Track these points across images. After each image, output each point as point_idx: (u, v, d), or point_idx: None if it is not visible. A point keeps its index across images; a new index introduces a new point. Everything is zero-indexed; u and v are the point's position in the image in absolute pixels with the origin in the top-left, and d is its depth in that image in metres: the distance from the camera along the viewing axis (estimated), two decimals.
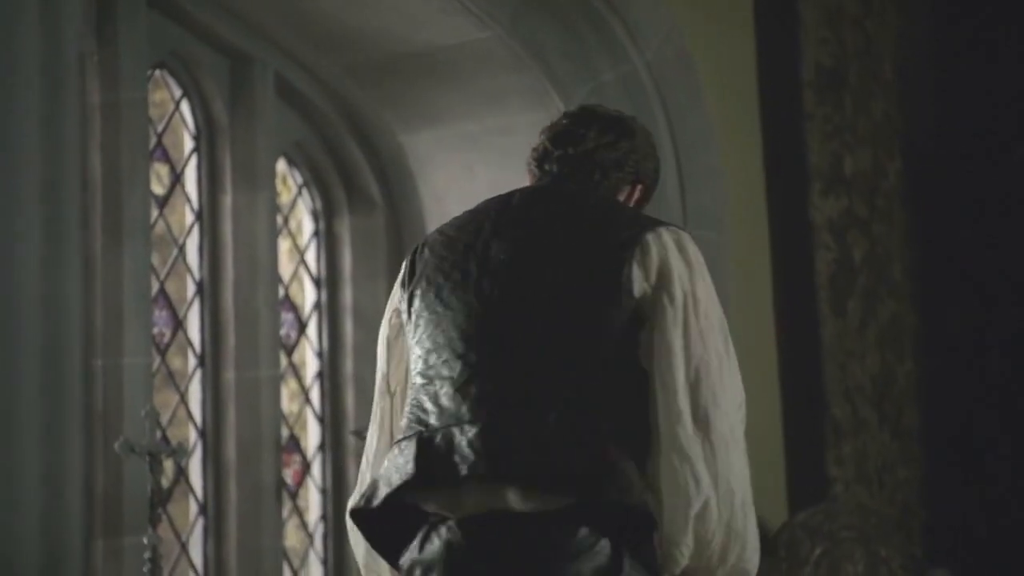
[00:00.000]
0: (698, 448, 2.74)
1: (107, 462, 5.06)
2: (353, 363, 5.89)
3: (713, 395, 2.77)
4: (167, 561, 5.27)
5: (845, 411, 6.03)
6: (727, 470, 2.77)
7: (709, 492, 2.73)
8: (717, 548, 2.75)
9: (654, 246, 2.80)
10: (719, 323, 2.83)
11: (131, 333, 5.15)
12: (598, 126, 3.01)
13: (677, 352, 2.76)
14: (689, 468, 2.72)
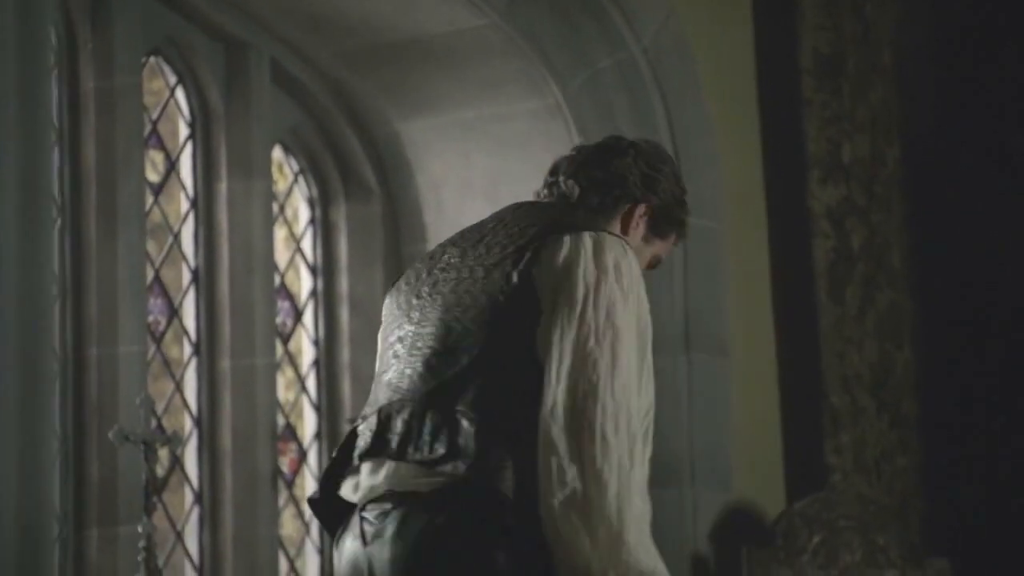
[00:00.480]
0: (566, 441, 2.75)
1: (101, 451, 5.06)
2: (349, 352, 5.89)
3: (594, 392, 2.77)
4: (162, 550, 5.27)
5: (843, 400, 6.02)
6: (601, 463, 2.75)
7: (576, 484, 2.73)
8: (585, 540, 2.74)
9: (566, 247, 2.85)
10: (629, 330, 2.83)
11: (126, 321, 5.14)
12: (592, 149, 3.09)
13: (563, 348, 2.80)
14: (556, 460, 2.74)
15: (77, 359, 5.13)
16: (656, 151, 3.09)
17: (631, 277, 2.85)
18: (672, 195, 3.05)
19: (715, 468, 5.69)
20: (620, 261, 2.84)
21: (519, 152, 5.75)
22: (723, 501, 5.70)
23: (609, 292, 2.82)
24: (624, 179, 3.03)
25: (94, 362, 5.12)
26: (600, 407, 2.76)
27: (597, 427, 2.75)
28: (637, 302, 2.85)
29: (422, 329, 2.91)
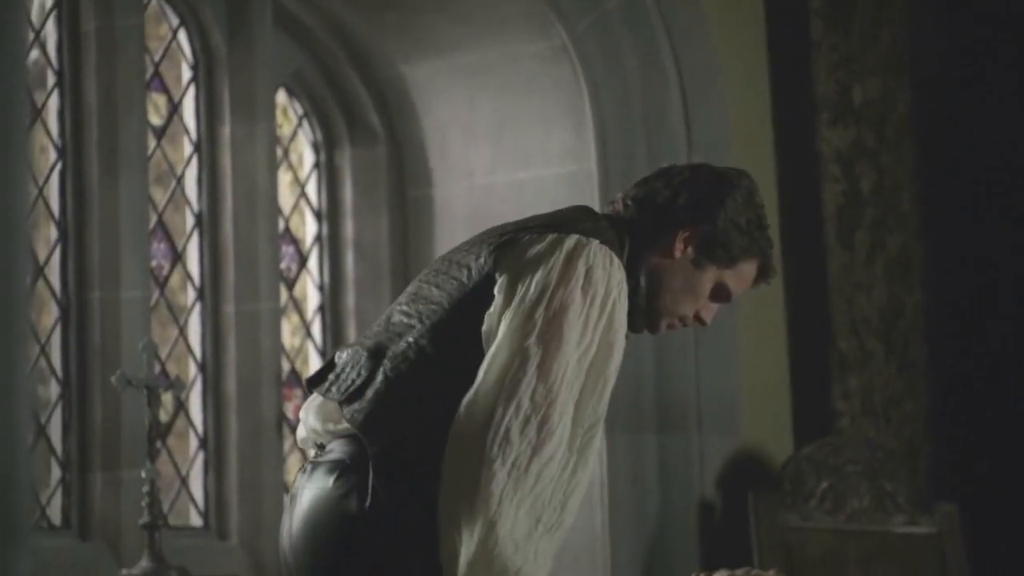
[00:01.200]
0: (473, 433, 2.78)
1: (104, 396, 5.06)
2: (355, 297, 5.88)
3: (514, 390, 2.79)
4: (167, 495, 5.27)
5: (852, 345, 6.01)
6: (494, 461, 2.75)
7: (466, 475, 2.78)
8: (459, 534, 2.76)
9: (546, 242, 2.88)
10: (575, 339, 2.83)
11: (128, 266, 5.14)
12: (655, 172, 3.12)
13: (503, 339, 2.82)
14: (459, 447, 2.78)
15: (79, 303, 5.13)
16: (719, 177, 3.08)
17: (603, 289, 2.86)
18: (731, 223, 3.03)
19: (722, 414, 5.69)
20: (595, 269, 2.86)
21: (525, 95, 5.73)
22: (730, 447, 5.70)
23: (567, 296, 2.84)
24: (661, 202, 3.04)
25: (96, 307, 5.12)
26: (515, 405, 2.77)
27: (504, 425, 2.76)
28: (603, 315, 2.85)
29: (405, 294, 2.98)
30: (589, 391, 2.85)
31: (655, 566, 5.49)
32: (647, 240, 3.03)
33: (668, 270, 3.02)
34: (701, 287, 3.04)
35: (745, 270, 3.07)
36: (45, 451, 5.07)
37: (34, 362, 5.09)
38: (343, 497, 2.85)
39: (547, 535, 2.80)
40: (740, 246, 3.04)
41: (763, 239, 3.08)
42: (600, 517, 5.45)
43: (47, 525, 5.02)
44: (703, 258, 3.03)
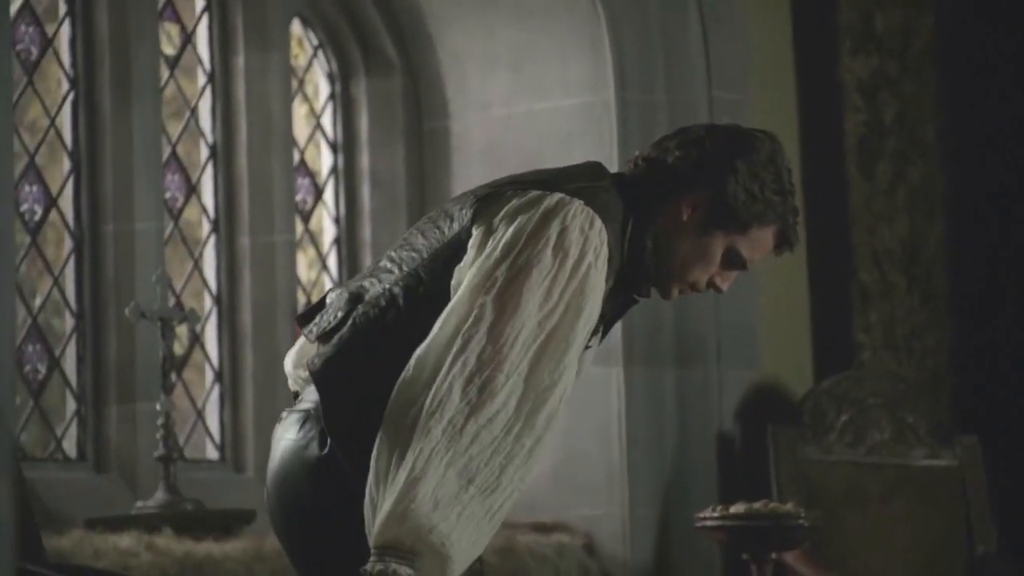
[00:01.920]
0: (417, 388, 2.74)
1: (119, 328, 5.06)
2: (371, 229, 5.87)
3: (463, 346, 2.74)
4: (183, 428, 5.29)
5: (873, 276, 5.99)
6: (429, 417, 2.71)
7: (400, 426, 2.74)
8: (378, 486, 2.74)
9: (526, 198, 2.83)
10: (536, 301, 2.78)
11: (142, 197, 5.13)
12: (671, 133, 3.04)
13: (462, 293, 2.78)
14: (400, 398, 2.75)
15: (93, 236, 5.13)
16: (734, 138, 2.98)
17: (576, 252, 2.80)
18: (743, 189, 2.93)
19: (742, 346, 5.68)
20: (570, 231, 2.80)
21: (543, 25, 5.69)
22: (749, 380, 5.69)
23: (533, 256, 2.78)
24: (671, 162, 2.96)
25: (110, 238, 5.12)
26: (461, 363, 2.73)
27: (447, 381, 2.72)
28: (573, 278, 2.80)
29: (401, 238, 2.97)
30: (548, 355, 2.78)
31: (673, 500, 5.49)
32: (655, 202, 2.96)
33: (676, 234, 2.94)
34: (711, 253, 2.95)
35: (760, 237, 2.96)
36: (60, 384, 5.09)
37: (47, 295, 5.09)
38: (304, 447, 2.84)
39: (480, 497, 2.71)
40: (752, 213, 2.93)
41: (782, 206, 2.96)
42: (618, 451, 5.45)
43: (63, 458, 5.04)
44: (711, 224, 2.93)
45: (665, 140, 3.02)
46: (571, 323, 2.80)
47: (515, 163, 5.71)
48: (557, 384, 2.79)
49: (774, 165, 2.99)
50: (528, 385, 2.77)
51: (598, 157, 5.49)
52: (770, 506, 4.04)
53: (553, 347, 2.78)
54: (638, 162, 3.01)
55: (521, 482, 2.78)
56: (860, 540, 5.51)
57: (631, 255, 2.94)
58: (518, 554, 5.19)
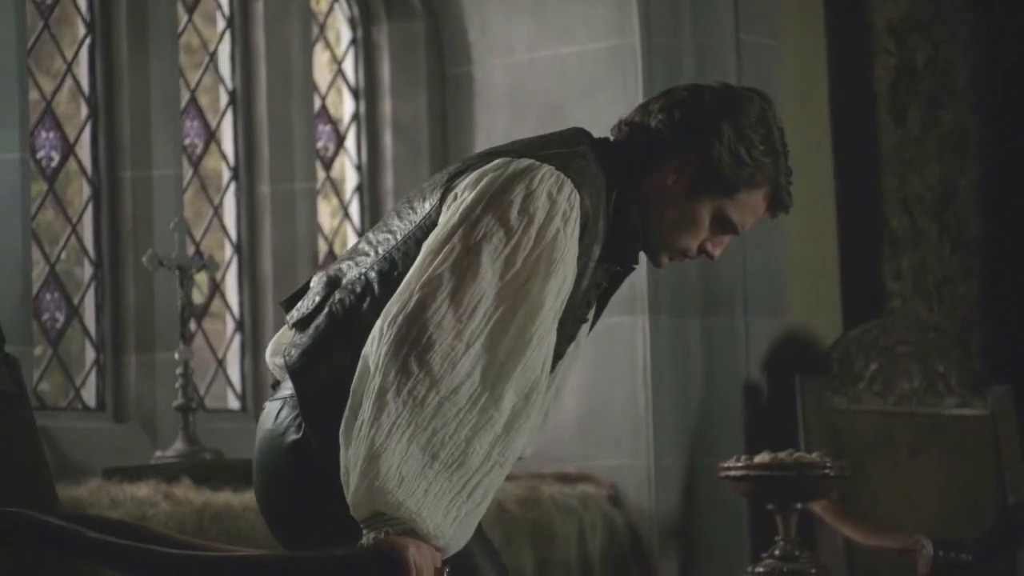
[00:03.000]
0: (379, 358, 2.69)
1: (137, 277, 5.06)
2: (393, 176, 5.85)
3: (418, 316, 2.68)
4: (204, 378, 5.28)
5: (903, 223, 5.95)
6: (389, 389, 2.67)
7: (362, 406, 2.69)
8: (345, 451, 2.71)
9: (496, 166, 2.78)
10: (508, 268, 2.72)
11: (160, 144, 5.12)
12: (655, 98, 2.98)
13: (416, 263, 2.75)
14: (359, 369, 2.72)
15: (111, 182, 5.12)
16: (719, 99, 2.92)
17: (542, 216, 2.74)
18: (728, 151, 2.87)
19: (769, 294, 5.65)
20: (536, 196, 2.75)
21: None
22: (777, 328, 5.67)
23: (493, 223, 2.73)
24: (654, 126, 2.91)
25: (128, 185, 5.10)
26: (422, 326, 2.67)
27: (411, 357, 2.66)
28: (539, 244, 2.74)
29: (382, 219, 2.96)
30: (514, 324, 2.71)
31: (699, 450, 5.48)
32: (639, 168, 2.91)
33: (661, 200, 2.90)
34: (699, 219, 2.90)
35: (749, 200, 2.91)
36: (79, 333, 5.08)
37: (65, 242, 5.08)
38: (281, 435, 2.82)
39: (446, 472, 2.66)
40: (740, 176, 2.87)
41: (773, 167, 2.91)
42: (643, 401, 5.43)
43: (82, 407, 5.04)
44: (697, 188, 2.88)
45: (650, 103, 2.96)
46: (538, 291, 2.73)
47: (539, 109, 5.68)
48: (523, 353, 2.71)
49: (764, 125, 2.91)
50: (492, 355, 2.70)
51: (623, 103, 5.51)
52: (795, 456, 4.02)
53: (519, 316, 2.71)
54: (622, 127, 2.96)
55: (502, 456, 2.71)
56: (889, 490, 5.48)
57: (617, 223, 2.89)
58: (542, 505, 5.18)
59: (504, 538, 5.03)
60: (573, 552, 5.22)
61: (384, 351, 2.68)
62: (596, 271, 2.90)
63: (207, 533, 4.13)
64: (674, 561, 5.43)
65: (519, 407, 2.72)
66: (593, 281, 2.91)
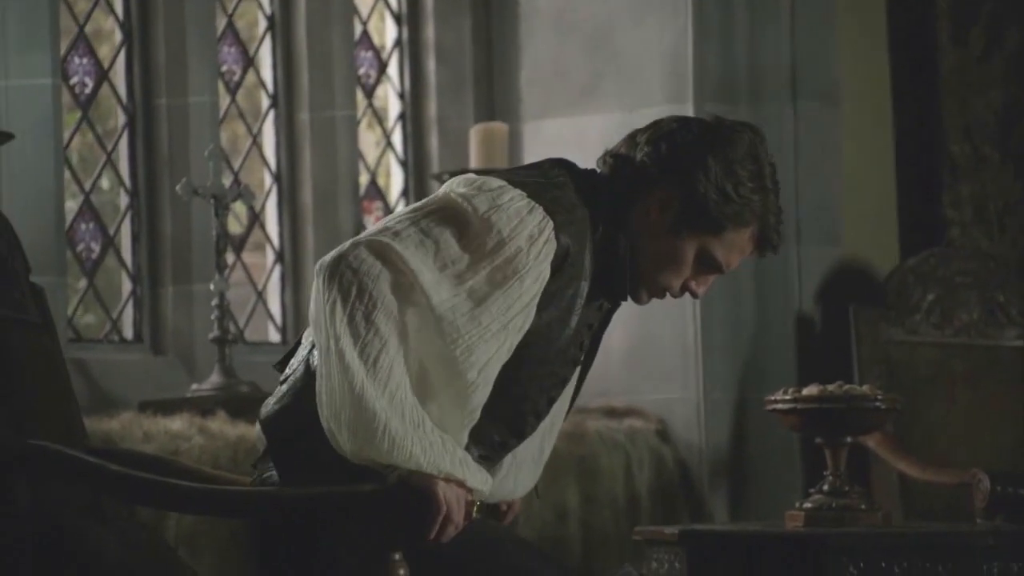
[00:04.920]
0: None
1: (174, 206, 5.04)
2: (436, 104, 5.81)
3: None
4: (244, 310, 5.27)
5: (964, 149, 5.87)
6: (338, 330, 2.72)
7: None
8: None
9: (462, 179, 2.84)
10: (453, 266, 2.74)
11: (196, 70, 5.09)
12: (642, 129, 2.97)
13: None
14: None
15: (146, 110, 5.10)
16: (707, 133, 2.89)
17: (506, 231, 2.74)
18: (714, 188, 2.84)
19: (823, 223, 5.58)
20: (503, 210, 2.75)
21: None
22: (831, 258, 5.61)
23: (453, 224, 2.76)
24: (639, 159, 2.89)
25: (164, 113, 5.08)
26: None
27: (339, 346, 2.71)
28: (495, 256, 2.74)
29: None
30: (457, 334, 2.74)
31: (750, 383, 5.44)
32: (624, 201, 2.88)
33: (645, 236, 2.87)
34: (682, 256, 2.87)
35: (735, 239, 2.88)
36: (115, 264, 5.08)
37: (99, 171, 5.07)
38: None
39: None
40: (726, 214, 2.85)
41: (761, 205, 2.87)
42: (692, 333, 5.39)
43: (119, 339, 5.04)
44: (682, 225, 2.85)
45: (637, 134, 2.93)
46: (487, 299, 2.74)
47: (585, 34, 5.63)
48: (458, 358, 2.73)
49: (753, 160, 2.87)
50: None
51: (672, 28, 5.45)
52: (845, 388, 3.96)
53: (459, 328, 2.72)
54: (607, 159, 2.92)
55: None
56: (945, 424, 5.43)
57: (605, 257, 2.86)
58: (588, 440, 5.16)
59: (549, 474, 5.00)
60: (620, 487, 5.20)
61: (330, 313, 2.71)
62: (587, 309, 2.87)
63: (242, 467, 4.11)
64: (724, 497, 5.41)
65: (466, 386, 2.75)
66: (584, 320, 2.88)
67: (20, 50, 4.53)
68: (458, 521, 2.74)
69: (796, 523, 3.95)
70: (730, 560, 3.87)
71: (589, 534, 5.11)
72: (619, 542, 5.09)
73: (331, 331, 2.69)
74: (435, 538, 2.74)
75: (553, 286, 2.80)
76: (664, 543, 3.94)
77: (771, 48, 5.52)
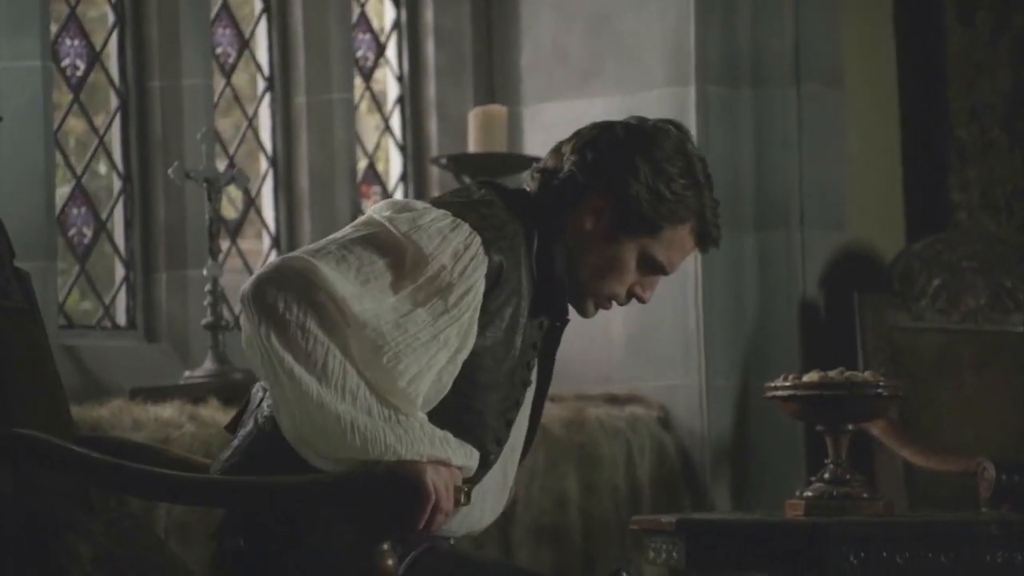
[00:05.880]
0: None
1: (168, 192, 5.01)
2: (435, 87, 5.78)
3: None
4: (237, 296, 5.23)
5: (971, 132, 5.84)
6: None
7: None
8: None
9: (383, 204, 2.85)
10: (377, 281, 2.73)
11: (189, 52, 5.06)
12: (566, 140, 2.97)
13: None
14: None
15: (139, 92, 5.07)
16: (632, 135, 2.90)
17: (429, 248, 2.74)
18: (647, 189, 2.86)
19: (827, 207, 5.55)
20: (423, 229, 2.75)
21: None
22: (835, 242, 5.58)
23: (375, 243, 2.75)
24: (567, 169, 2.90)
25: (157, 95, 5.05)
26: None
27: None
28: (419, 270, 2.74)
29: None
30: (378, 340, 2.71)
31: (753, 370, 5.41)
32: (556, 215, 2.88)
33: (582, 245, 2.88)
34: (623, 262, 2.88)
35: (675, 238, 2.90)
36: (108, 249, 5.05)
37: (91, 155, 5.04)
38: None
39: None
40: (662, 213, 2.87)
41: (696, 200, 2.89)
42: (694, 319, 5.37)
43: (111, 325, 5.01)
44: (618, 230, 2.87)
45: (561, 145, 2.93)
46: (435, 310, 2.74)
47: (586, 16, 5.59)
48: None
49: (682, 157, 2.89)
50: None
51: (673, 9, 5.42)
52: (846, 374, 3.93)
53: (384, 335, 2.70)
54: (534, 175, 2.93)
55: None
56: (952, 412, 5.40)
57: (542, 273, 2.85)
58: (588, 427, 5.13)
59: (548, 461, 4.99)
60: (621, 476, 5.17)
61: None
62: (529, 327, 2.86)
63: None
64: (726, 485, 5.38)
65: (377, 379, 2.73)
66: (528, 340, 2.87)
67: (9, 32, 4.50)
68: (447, 509, 2.72)
69: (796, 512, 3.92)
70: (729, 550, 3.83)
71: (589, 523, 5.08)
72: (620, 531, 5.06)
73: (273, 355, 2.66)
74: (424, 528, 2.72)
75: (492, 305, 2.80)
76: (662, 533, 3.91)
77: (775, 29, 5.48)
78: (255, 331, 2.68)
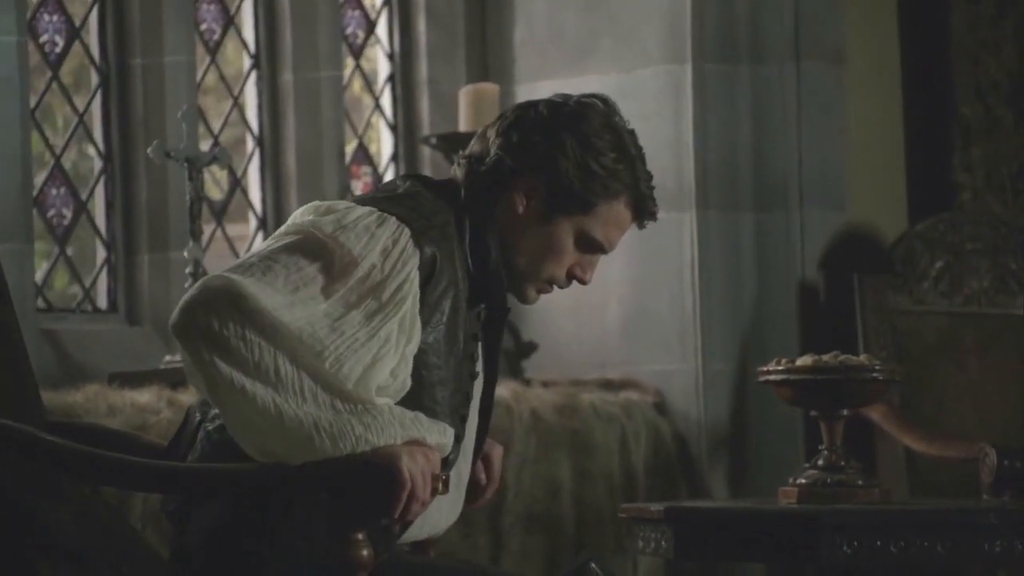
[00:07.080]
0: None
1: (150, 171, 4.97)
2: (427, 65, 5.74)
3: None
4: None
5: (976, 110, 5.80)
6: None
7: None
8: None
9: (306, 207, 2.83)
10: (301, 279, 2.69)
11: (172, 28, 5.01)
12: (489, 125, 2.95)
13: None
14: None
15: (120, 70, 5.03)
16: (556, 113, 2.88)
17: (356, 248, 2.71)
18: (577, 166, 2.85)
19: (827, 187, 5.52)
20: (348, 229, 2.72)
21: None
22: (836, 223, 5.54)
23: (301, 246, 2.72)
24: (494, 153, 2.88)
25: (138, 73, 5.01)
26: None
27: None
28: (345, 276, 2.70)
29: None
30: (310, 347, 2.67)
31: (750, 355, 5.38)
32: (486, 201, 2.87)
33: (516, 229, 2.87)
34: (560, 242, 2.87)
35: (610, 214, 2.88)
36: (89, 231, 5.02)
37: (71, 134, 5.00)
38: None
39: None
40: (594, 189, 2.86)
41: (629, 173, 2.88)
42: (691, 303, 5.34)
43: (92, 309, 4.97)
44: (552, 210, 2.86)
45: (486, 130, 2.92)
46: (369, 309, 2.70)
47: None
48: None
49: (610, 130, 2.87)
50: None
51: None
52: (840, 358, 3.89)
53: (321, 340, 2.66)
54: (460, 162, 2.91)
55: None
56: (954, 396, 5.37)
57: (477, 261, 2.84)
58: (581, 412, 5.10)
59: (540, 448, 4.96)
60: (615, 462, 5.14)
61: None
62: (468, 318, 2.85)
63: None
64: (723, 472, 5.36)
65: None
66: (468, 331, 2.85)
67: None
68: (424, 498, 2.68)
69: (789, 499, 3.88)
70: (719, 539, 3.80)
71: (582, 511, 5.05)
72: (613, 520, 5.02)
73: (220, 379, 2.61)
74: (400, 516, 2.68)
75: (430, 298, 2.78)
76: (650, 521, 3.87)
77: (773, 5, 5.44)
78: (197, 359, 2.63)
